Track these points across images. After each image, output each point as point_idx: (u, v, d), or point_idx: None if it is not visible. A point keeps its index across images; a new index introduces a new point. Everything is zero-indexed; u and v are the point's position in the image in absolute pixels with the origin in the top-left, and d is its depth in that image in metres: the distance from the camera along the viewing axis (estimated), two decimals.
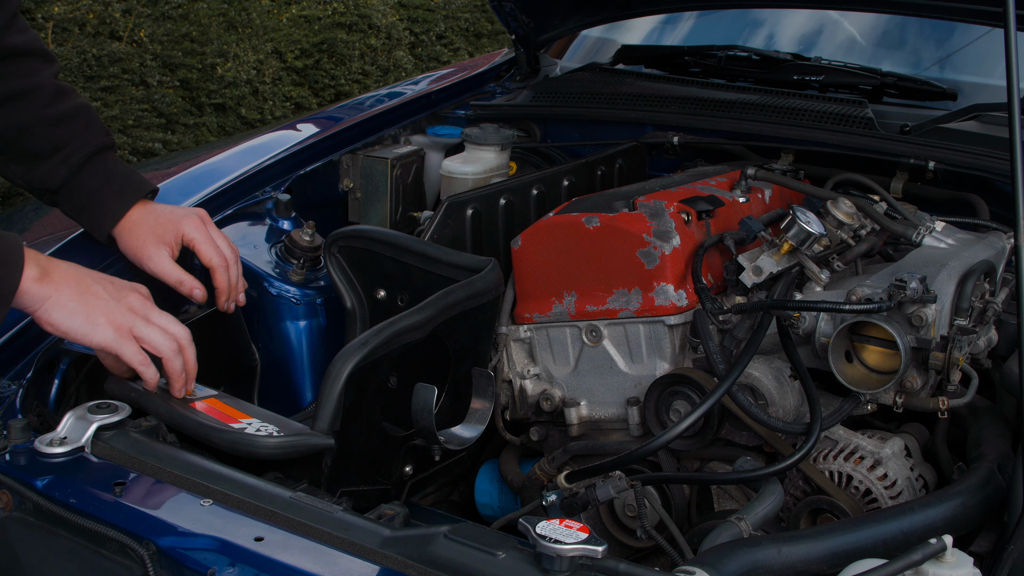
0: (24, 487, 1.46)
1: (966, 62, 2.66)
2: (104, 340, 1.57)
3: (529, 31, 2.82)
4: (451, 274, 1.88)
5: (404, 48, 8.16)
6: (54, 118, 1.82)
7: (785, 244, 1.83)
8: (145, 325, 1.60)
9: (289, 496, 1.41)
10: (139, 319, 1.60)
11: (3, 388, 1.68)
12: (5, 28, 1.79)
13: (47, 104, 1.82)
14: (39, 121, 1.81)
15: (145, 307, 1.62)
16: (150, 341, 1.60)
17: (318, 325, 2.08)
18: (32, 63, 1.82)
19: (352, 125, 2.54)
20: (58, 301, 1.54)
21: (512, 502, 2.09)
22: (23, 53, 1.81)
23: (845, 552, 1.41)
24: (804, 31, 2.90)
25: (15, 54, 1.80)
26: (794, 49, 2.80)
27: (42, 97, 1.82)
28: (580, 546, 1.21)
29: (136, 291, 1.64)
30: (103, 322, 1.57)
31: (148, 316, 1.61)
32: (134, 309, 1.60)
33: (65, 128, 1.83)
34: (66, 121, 1.84)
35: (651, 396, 1.84)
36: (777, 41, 2.90)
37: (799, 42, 2.88)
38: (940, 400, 1.69)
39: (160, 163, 3.05)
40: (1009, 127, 1.61)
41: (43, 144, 1.82)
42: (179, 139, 6.04)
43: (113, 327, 1.57)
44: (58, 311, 1.54)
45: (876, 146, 2.29)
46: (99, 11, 5.82)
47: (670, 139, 2.53)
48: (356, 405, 1.67)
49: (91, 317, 1.56)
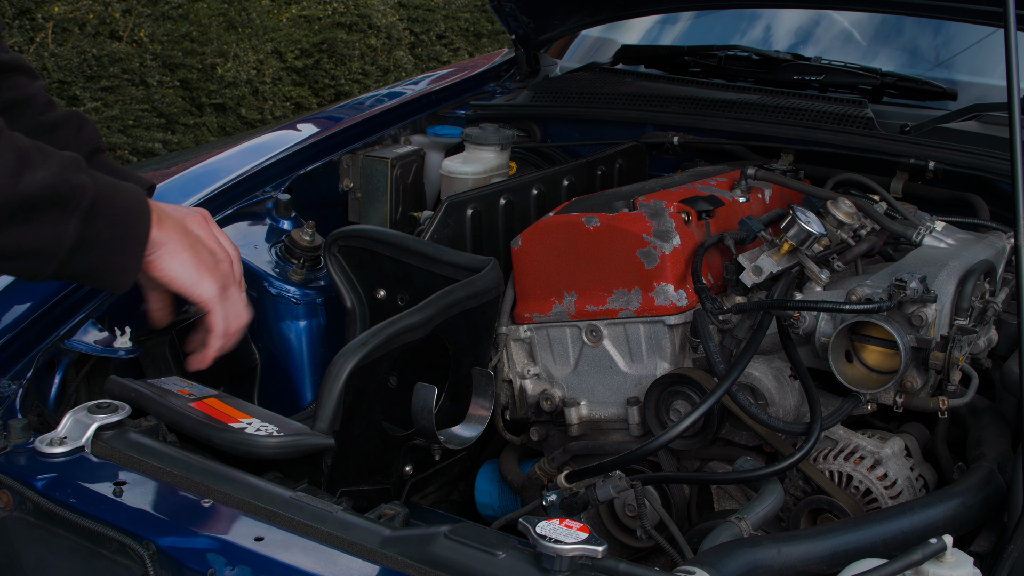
0: (24, 487, 1.46)
1: (966, 62, 2.67)
2: (207, 295, 1.61)
3: (529, 31, 2.82)
4: (451, 274, 1.88)
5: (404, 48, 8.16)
6: (49, 124, 1.83)
7: (785, 244, 1.83)
8: (237, 292, 1.66)
9: (289, 496, 1.41)
10: (233, 285, 1.65)
11: (3, 388, 1.68)
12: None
13: (41, 112, 1.83)
14: (35, 128, 1.82)
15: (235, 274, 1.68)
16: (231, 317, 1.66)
17: (318, 325, 2.08)
18: (19, 78, 1.83)
19: (352, 125, 2.55)
20: (172, 250, 1.57)
21: (512, 502, 2.09)
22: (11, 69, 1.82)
23: (845, 552, 1.41)
24: (804, 31, 2.91)
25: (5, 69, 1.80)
26: (794, 49, 2.80)
27: (36, 106, 1.83)
28: (580, 546, 1.21)
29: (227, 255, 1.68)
30: (208, 278, 1.61)
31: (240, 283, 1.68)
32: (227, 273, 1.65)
33: (61, 132, 1.84)
34: (60, 126, 1.84)
35: (651, 396, 1.84)
36: (777, 41, 2.90)
37: (799, 42, 2.88)
38: (940, 400, 1.69)
39: (160, 163, 3.05)
40: (1009, 127, 1.61)
41: None
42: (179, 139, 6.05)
43: (218, 285, 1.62)
44: (171, 260, 1.57)
45: (876, 146, 2.29)
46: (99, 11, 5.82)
47: (670, 139, 2.53)
48: (356, 405, 1.67)
49: (199, 270, 1.59)
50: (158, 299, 1.73)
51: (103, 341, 1.82)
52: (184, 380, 1.81)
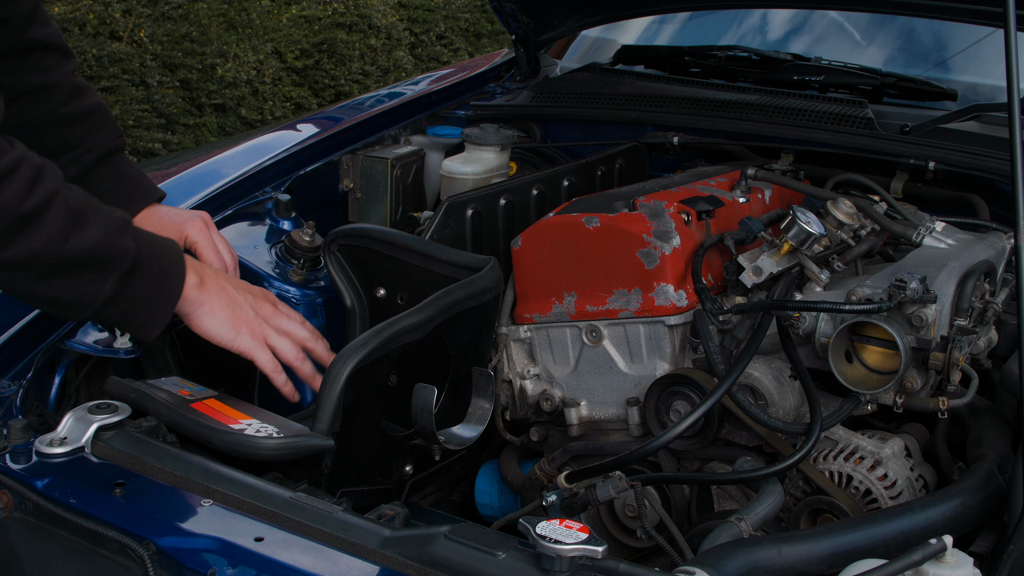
0: (24, 487, 1.46)
1: (966, 62, 2.67)
2: (244, 347, 1.72)
3: (529, 31, 2.82)
4: (451, 273, 1.88)
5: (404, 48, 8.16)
6: (69, 117, 1.82)
7: (785, 244, 1.83)
8: (276, 335, 1.75)
9: (289, 496, 1.41)
10: (271, 329, 1.75)
11: (3, 388, 1.68)
12: (28, 20, 1.78)
13: (62, 102, 1.82)
14: (53, 119, 1.81)
15: (275, 316, 1.77)
16: (280, 350, 1.75)
17: (318, 325, 2.07)
18: (51, 59, 1.82)
19: (352, 125, 2.55)
20: (211, 309, 1.68)
21: (512, 502, 2.09)
22: (42, 47, 1.80)
23: (845, 552, 1.41)
24: (804, 31, 2.91)
25: (35, 48, 1.79)
26: (794, 49, 2.80)
27: (58, 95, 1.82)
28: (580, 546, 1.21)
29: (267, 300, 1.79)
30: (245, 331, 1.71)
31: (279, 325, 1.77)
32: (267, 319, 1.76)
33: (79, 127, 1.83)
34: (80, 120, 1.84)
35: (651, 396, 1.84)
36: (777, 41, 2.90)
37: (799, 42, 2.88)
38: (940, 400, 1.69)
39: (160, 163, 3.05)
40: (1009, 127, 1.61)
41: (55, 142, 1.81)
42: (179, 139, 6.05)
43: (252, 336, 1.72)
44: (210, 318, 1.68)
45: (876, 146, 2.29)
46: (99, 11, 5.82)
47: (670, 139, 2.53)
48: (356, 405, 1.67)
49: (236, 326, 1.70)
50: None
51: (103, 341, 1.82)
52: (184, 381, 1.81)
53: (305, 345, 1.79)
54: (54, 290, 1.49)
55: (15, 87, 1.77)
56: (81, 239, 1.47)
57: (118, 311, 1.56)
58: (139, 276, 1.56)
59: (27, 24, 1.77)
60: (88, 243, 1.47)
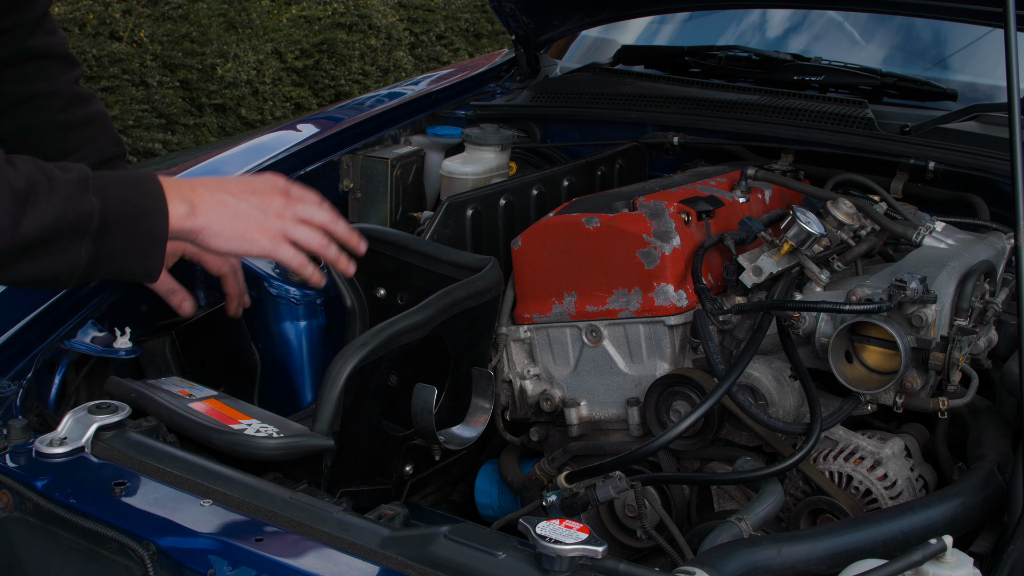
0: (24, 487, 1.46)
1: (966, 62, 2.67)
2: (263, 250, 1.61)
3: (529, 31, 2.82)
4: (451, 273, 1.88)
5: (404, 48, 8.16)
6: (66, 124, 1.82)
7: (785, 244, 1.83)
8: (294, 227, 1.64)
9: (289, 496, 1.41)
10: (288, 223, 1.63)
11: (3, 388, 1.68)
12: (32, 29, 1.77)
13: (61, 109, 1.81)
14: (51, 126, 1.81)
15: (289, 206, 1.65)
16: (303, 241, 1.64)
17: (318, 325, 2.07)
18: (53, 67, 1.81)
19: (352, 125, 2.54)
20: (213, 230, 1.56)
21: (512, 502, 2.09)
22: (44, 56, 1.80)
23: (845, 552, 1.41)
24: (804, 31, 2.91)
25: (36, 56, 1.79)
26: (794, 49, 2.80)
27: (57, 102, 1.81)
28: (580, 546, 1.21)
29: (277, 191, 1.66)
30: (257, 235, 1.60)
31: (295, 214, 1.65)
32: (281, 214, 1.63)
33: (76, 135, 1.83)
34: (78, 128, 1.83)
35: (651, 396, 1.84)
36: (777, 41, 2.90)
37: (799, 42, 2.88)
38: (940, 400, 1.69)
39: (160, 163, 3.05)
40: (1009, 127, 1.61)
41: (52, 149, 1.81)
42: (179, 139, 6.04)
43: (268, 236, 1.61)
44: (215, 239, 1.57)
45: (876, 146, 2.29)
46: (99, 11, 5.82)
47: (670, 139, 2.53)
48: (356, 405, 1.67)
49: (246, 236, 1.59)
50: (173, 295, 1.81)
51: (103, 341, 1.82)
52: (184, 380, 1.81)
53: (326, 228, 1.68)
54: (26, 272, 1.40)
55: (14, 93, 1.77)
56: (36, 218, 1.36)
57: (106, 268, 1.47)
58: (114, 229, 1.44)
59: (31, 32, 1.78)
60: (44, 219, 1.37)
